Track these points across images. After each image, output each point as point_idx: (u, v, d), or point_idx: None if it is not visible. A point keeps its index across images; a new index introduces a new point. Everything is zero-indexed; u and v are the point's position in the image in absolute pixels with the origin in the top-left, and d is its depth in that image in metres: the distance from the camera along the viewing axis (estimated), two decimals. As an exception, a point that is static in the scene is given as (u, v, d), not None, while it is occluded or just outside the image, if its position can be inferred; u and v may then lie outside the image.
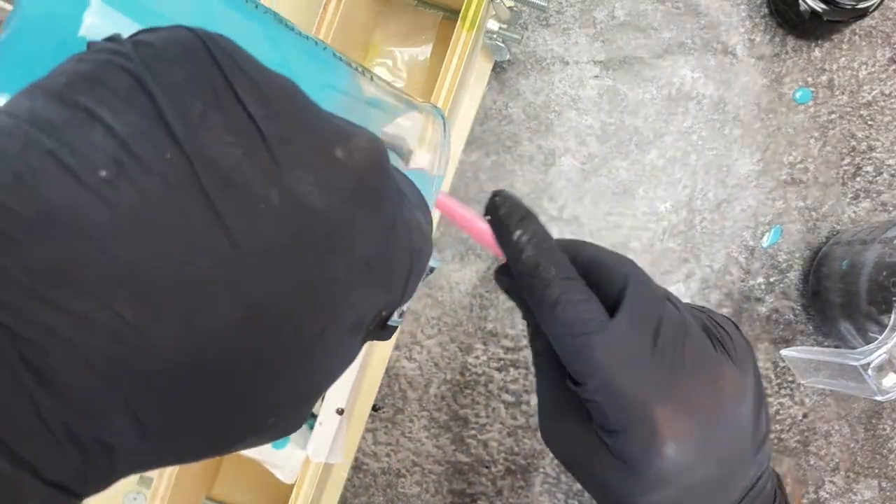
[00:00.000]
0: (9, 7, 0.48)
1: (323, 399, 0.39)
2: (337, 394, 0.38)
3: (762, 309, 0.48)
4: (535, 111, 0.48)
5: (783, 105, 0.48)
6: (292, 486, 0.38)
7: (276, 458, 0.38)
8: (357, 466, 0.47)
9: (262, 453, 0.39)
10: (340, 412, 0.38)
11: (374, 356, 0.47)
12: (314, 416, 0.42)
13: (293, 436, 0.39)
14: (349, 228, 0.16)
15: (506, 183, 0.48)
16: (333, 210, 0.15)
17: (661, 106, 0.48)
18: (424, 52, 0.45)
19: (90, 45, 0.15)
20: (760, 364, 0.47)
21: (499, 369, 0.48)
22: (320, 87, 0.22)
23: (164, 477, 0.38)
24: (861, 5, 0.43)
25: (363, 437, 0.47)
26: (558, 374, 0.26)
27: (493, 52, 0.46)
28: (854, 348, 0.36)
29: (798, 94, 0.48)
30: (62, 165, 0.13)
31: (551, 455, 0.47)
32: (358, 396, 0.46)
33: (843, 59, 0.48)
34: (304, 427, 0.42)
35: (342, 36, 0.40)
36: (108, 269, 0.13)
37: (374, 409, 0.47)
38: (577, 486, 0.47)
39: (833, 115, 0.48)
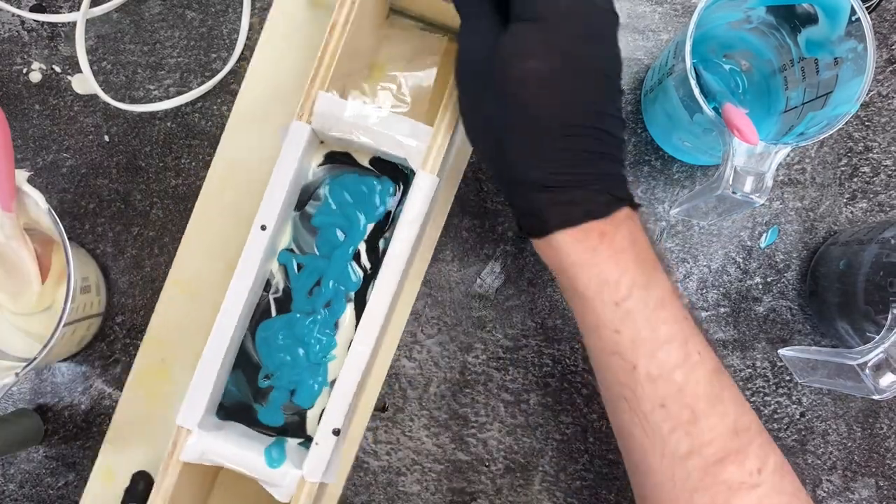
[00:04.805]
0: (8, 7, 0.49)
1: (320, 419, 0.39)
2: (334, 414, 0.39)
3: (760, 309, 0.48)
4: (535, 112, 0.48)
5: (781, 106, 0.48)
6: None
7: (272, 477, 0.39)
8: (358, 465, 0.48)
9: (257, 472, 0.39)
10: (336, 433, 0.38)
11: (379, 359, 0.47)
12: (310, 438, 0.42)
13: (290, 455, 0.40)
14: None
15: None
16: None
17: (660, 107, 0.48)
18: (429, 75, 0.45)
19: None
20: (758, 363, 0.48)
21: (498, 369, 0.48)
22: None
23: (160, 494, 0.38)
24: (858, 7, 0.43)
25: (364, 437, 0.48)
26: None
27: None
28: (851, 348, 0.36)
29: (796, 96, 0.48)
30: None
31: (551, 453, 0.48)
32: (355, 415, 0.46)
33: (841, 60, 0.48)
34: (300, 447, 0.42)
35: (347, 59, 0.40)
36: None
37: (383, 409, 0.48)
38: (577, 484, 0.48)
39: (830, 117, 0.48)
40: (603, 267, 0.33)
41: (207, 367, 0.39)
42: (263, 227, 0.39)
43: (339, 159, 0.43)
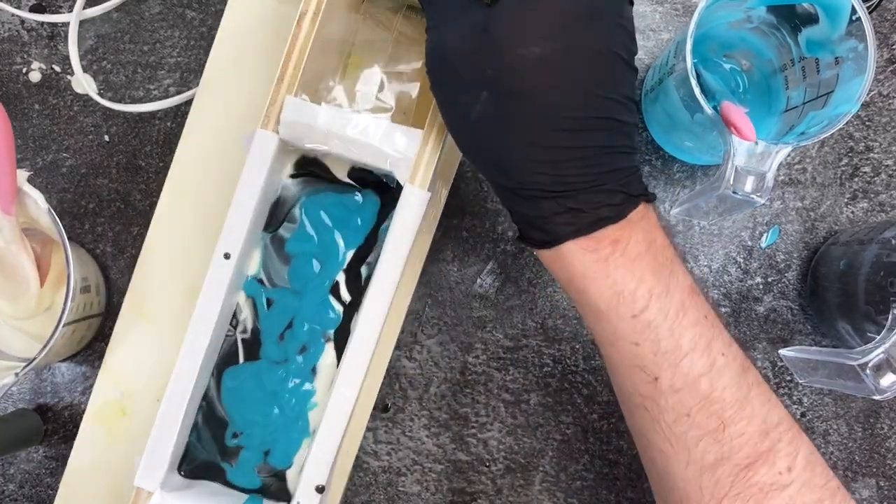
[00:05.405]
0: (8, 7, 0.49)
1: (301, 475, 0.35)
2: (316, 469, 0.35)
3: (760, 309, 0.48)
4: (535, 112, 0.48)
5: (781, 106, 0.48)
6: None
7: None
8: (358, 465, 0.48)
9: None
10: (321, 490, 0.35)
11: (374, 365, 0.46)
12: (291, 497, 0.37)
13: None
14: None
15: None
16: None
17: (661, 107, 0.48)
18: (415, 70, 0.39)
19: None
20: (759, 363, 0.48)
21: (498, 369, 0.48)
22: None
23: None
24: (859, 7, 0.43)
25: (363, 437, 0.47)
26: None
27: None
28: (852, 348, 0.36)
29: (796, 95, 0.48)
30: None
31: (551, 454, 0.48)
32: (336, 472, 0.41)
33: (841, 60, 0.48)
34: None
35: (319, 55, 0.35)
36: None
37: (384, 409, 0.48)
38: (577, 484, 0.48)
39: (831, 116, 0.48)
40: (616, 278, 0.30)
41: (169, 418, 0.34)
42: (227, 256, 0.34)
43: (313, 169, 0.38)
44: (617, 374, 0.34)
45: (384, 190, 0.38)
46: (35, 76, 0.49)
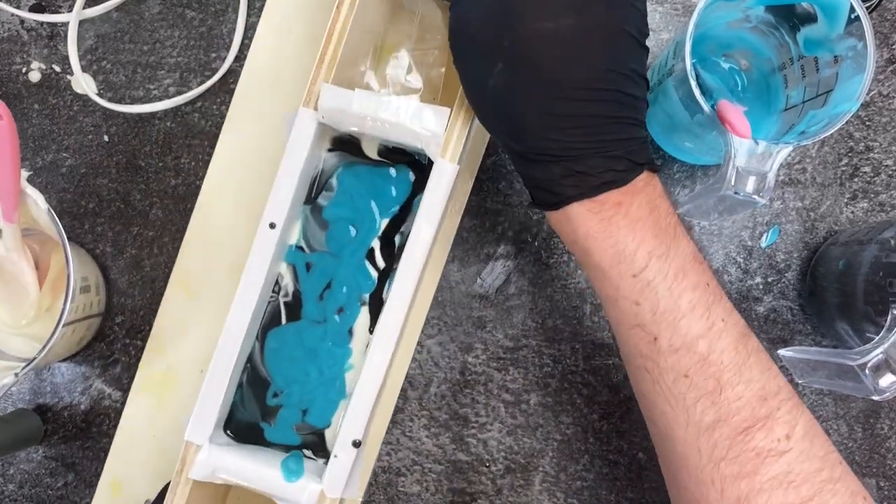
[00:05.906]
0: (8, 7, 0.49)
1: (339, 432, 0.37)
2: (353, 425, 0.36)
3: (760, 309, 0.48)
4: (535, 112, 0.48)
5: (781, 106, 0.48)
6: None
7: (289, 493, 0.36)
8: (357, 465, 0.48)
9: (273, 488, 0.37)
10: (357, 444, 0.36)
11: (395, 363, 0.46)
12: (328, 452, 0.39)
13: (308, 470, 0.38)
14: None
15: (505, 183, 0.48)
16: None
17: (660, 107, 0.48)
18: (441, 51, 0.42)
19: None
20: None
21: (498, 369, 0.48)
22: None
23: None
24: (858, 6, 0.43)
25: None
26: None
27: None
28: (851, 348, 0.36)
29: (796, 95, 0.48)
30: None
31: (551, 454, 0.48)
32: (373, 426, 0.44)
33: (841, 60, 0.48)
34: (320, 461, 0.40)
35: (356, 39, 0.38)
36: None
37: None
38: (577, 484, 0.48)
39: (831, 116, 0.48)
40: (618, 238, 0.32)
41: (217, 377, 0.37)
42: (272, 225, 0.36)
43: (347, 146, 0.40)
44: (620, 335, 0.35)
45: (416, 167, 0.41)
46: (35, 76, 0.49)
